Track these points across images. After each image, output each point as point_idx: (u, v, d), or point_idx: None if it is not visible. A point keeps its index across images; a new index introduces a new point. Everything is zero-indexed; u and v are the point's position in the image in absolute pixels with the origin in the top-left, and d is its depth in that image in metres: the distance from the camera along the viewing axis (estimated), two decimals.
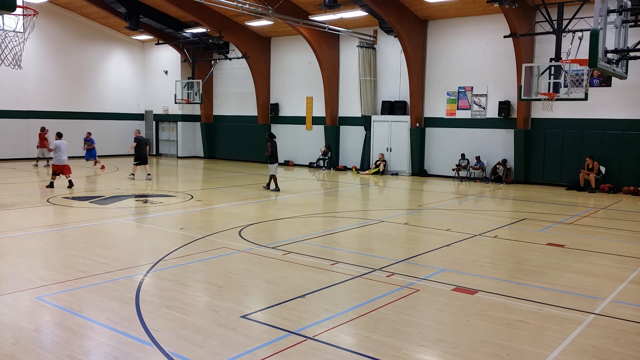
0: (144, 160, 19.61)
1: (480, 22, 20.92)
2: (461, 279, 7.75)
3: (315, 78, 25.37)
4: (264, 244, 9.66)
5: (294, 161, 26.98)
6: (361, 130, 24.45)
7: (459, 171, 21.32)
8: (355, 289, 7.30)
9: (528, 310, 6.49)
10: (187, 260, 8.48)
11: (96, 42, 29.38)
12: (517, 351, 5.35)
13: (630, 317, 6.38)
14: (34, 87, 26.89)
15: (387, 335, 5.66)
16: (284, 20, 21.42)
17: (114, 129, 29.97)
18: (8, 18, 10.74)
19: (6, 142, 25.69)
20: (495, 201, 16.33)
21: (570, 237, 10.85)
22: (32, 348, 5.27)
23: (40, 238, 10.11)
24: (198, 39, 27.15)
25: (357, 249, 9.92)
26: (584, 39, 13.79)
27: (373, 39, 23.72)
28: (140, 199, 14.99)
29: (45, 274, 7.71)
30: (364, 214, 13.70)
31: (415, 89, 22.23)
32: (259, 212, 13.57)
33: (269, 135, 17.37)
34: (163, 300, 6.61)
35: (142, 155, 19.55)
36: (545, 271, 8.30)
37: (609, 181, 18.44)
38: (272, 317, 6.14)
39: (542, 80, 16.55)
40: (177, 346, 5.32)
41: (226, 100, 29.82)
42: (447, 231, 11.24)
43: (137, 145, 19.41)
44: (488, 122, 21.17)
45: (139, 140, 19.55)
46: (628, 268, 8.58)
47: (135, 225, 11.52)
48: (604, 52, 9.21)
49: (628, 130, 18.32)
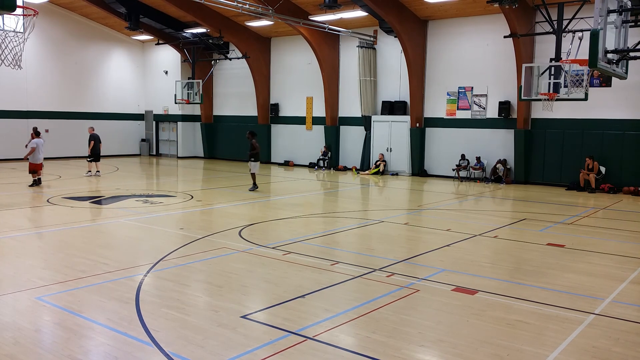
0: (97, 158, 20.34)
1: (480, 22, 20.92)
2: (461, 279, 7.75)
3: (315, 78, 25.37)
4: (264, 244, 9.66)
5: (294, 161, 26.97)
6: (361, 131, 24.45)
7: (459, 171, 21.32)
8: (355, 289, 7.30)
9: (528, 310, 6.49)
10: (187, 260, 8.48)
11: (96, 42, 29.38)
12: (517, 351, 5.35)
13: (630, 317, 6.38)
14: (34, 87, 26.88)
15: (387, 335, 5.66)
16: (284, 20, 21.42)
17: (114, 129, 29.97)
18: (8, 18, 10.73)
19: (6, 142, 25.67)
20: (495, 201, 16.33)
21: (570, 237, 10.84)
22: (32, 348, 5.27)
23: (40, 238, 10.11)
24: (198, 39, 27.15)
25: (357, 249, 9.92)
26: (584, 39, 13.78)
27: (373, 39, 23.72)
28: (140, 199, 15.00)
29: (45, 274, 7.71)
30: (364, 214, 13.70)
31: (415, 89, 22.23)
32: (259, 212, 13.57)
33: (254, 133, 17.34)
34: (163, 300, 6.61)
35: (97, 153, 20.33)
36: (545, 271, 8.30)
37: (609, 181, 18.44)
38: (272, 317, 6.14)
39: (542, 81, 16.55)
40: (177, 346, 5.32)
41: (226, 100, 29.82)
42: (447, 231, 11.24)
43: (95, 143, 20.25)
44: (488, 122, 21.16)
45: (96, 138, 20.34)
46: (628, 268, 8.58)
47: (135, 225, 11.52)
48: (604, 52, 9.20)
49: (628, 130, 18.32)
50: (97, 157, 20.36)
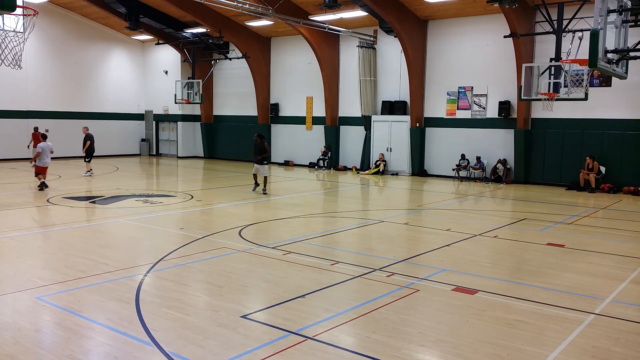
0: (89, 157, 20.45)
1: (480, 22, 20.92)
2: (461, 279, 7.75)
3: (315, 78, 25.36)
4: (264, 244, 9.66)
5: (294, 161, 26.97)
6: (361, 130, 24.44)
7: (459, 171, 21.32)
8: (355, 289, 7.30)
9: (528, 310, 6.49)
10: (187, 260, 8.48)
11: (96, 42, 29.37)
12: (517, 351, 5.35)
13: (630, 317, 6.38)
14: (34, 87, 26.88)
15: (387, 335, 5.66)
16: (284, 20, 21.42)
17: (114, 129, 29.97)
18: (8, 18, 10.72)
19: (6, 142, 25.67)
20: (495, 201, 16.33)
21: (570, 237, 10.84)
22: (32, 348, 5.27)
23: (40, 238, 10.11)
24: (198, 39, 27.15)
25: (357, 249, 9.92)
26: (584, 39, 13.78)
27: (373, 39, 23.72)
28: (140, 199, 14.99)
29: (45, 274, 7.71)
30: (364, 214, 13.70)
31: (415, 89, 22.22)
32: (259, 212, 13.57)
33: (263, 136, 17.30)
34: (163, 300, 6.61)
35: (91, 153, 20.36)
36: (545, 271, 8.30)
37: (609, 181, 18.43)
38: (272, 317, 6.14)
39: (542, 80, 16.54)
40: (177, 346, 5.32)
41: (226, 100, 29.82)
42: (447, 231, 11.24)
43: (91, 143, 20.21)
44: (488, 122, 21.16)
45: (91, 138, 20.28)
46: (628, 268, 8.58)
47: (135, 225, 11.51)
48: (604, 52, 9.20)
49: (628, 130, 18.31)
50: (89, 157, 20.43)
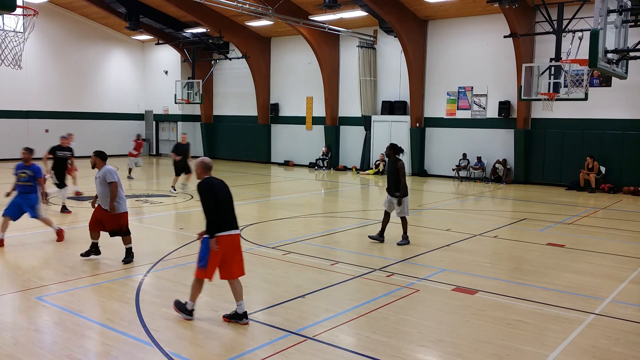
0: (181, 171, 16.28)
1: (480, 22, 20.91)
2: (461, 279, 7.74)
3: (315, 78, 25.36)
4: (264, 244, 9.66)
5: (293, 161, 26.95)
6: (361, 130, 24.43)
7: (459, 171, 21.32)
8: (355, 289, 7.30)
9: (528, 310, 6.48)
10: (187, 260, 8.47)
11: (96, 42, 29.37)
12: (517, 351, 5.35)
13: (630, 317, 6.38)
14: (34, 87, 26.87)
15: (387, 335, 5.65)
16: (284, 20, 21.41)
17: (114, 129, 29.96)
18: (8, 18, 10.71)
19: (6, 142, 25.65)
20: (495, 201, 16.32)
21: (570, 237, 10.84)
22: (32, 348, 5.27)
23: (40, 238, 10.11)
24: (198, 39, 27.14)
25: (357, 249, 9.91)
26: (584, 39, 13.77)
27: (373, 39, 23.71)
28: (140, 199, 14.99)
29: (45, 274, 7.71)
30: (364, 214, 13.70)
31: (415, 89, 22.22)
32: (259, 212, 13.56)
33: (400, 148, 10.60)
34: (163, 300, 6.61)
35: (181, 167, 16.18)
36: (545, 271, 8.30)
37: (609, 181, 18.43)
38: (272, 317, 6.14)
39: (542, 80, 16.54)
40: (177, 346, 5.32)
41: (226, 100, 29.81)
42: (447, 231, 11.24)
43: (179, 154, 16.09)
44: (488, 122, 21.15)
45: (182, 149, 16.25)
46: (628, 268, 8.58)
47: (135, 225, 11.50)
48: (604, 52, 9.19)
49: (628, 130, 18.31)
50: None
